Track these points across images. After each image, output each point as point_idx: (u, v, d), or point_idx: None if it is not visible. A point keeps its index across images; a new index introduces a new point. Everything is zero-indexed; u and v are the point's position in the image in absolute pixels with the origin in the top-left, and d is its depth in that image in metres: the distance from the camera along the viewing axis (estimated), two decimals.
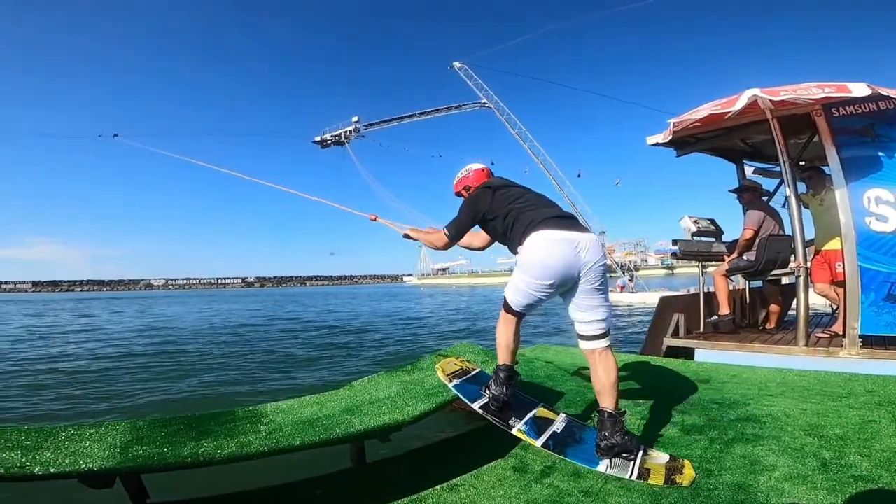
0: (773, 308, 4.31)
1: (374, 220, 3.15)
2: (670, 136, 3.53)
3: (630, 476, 1.73)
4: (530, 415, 2.19)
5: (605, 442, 1.84)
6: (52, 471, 1.57)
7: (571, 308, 2.00)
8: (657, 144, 3.89)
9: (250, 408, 2.33)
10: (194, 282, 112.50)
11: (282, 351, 8.28)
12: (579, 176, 28.70)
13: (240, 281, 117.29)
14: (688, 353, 3.91)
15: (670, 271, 71.74)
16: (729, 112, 3.03)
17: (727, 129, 3.87)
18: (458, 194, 2.44)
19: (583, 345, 2.01)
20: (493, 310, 17.54)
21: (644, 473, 1.73)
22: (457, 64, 37.25)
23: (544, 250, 1.88)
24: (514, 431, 2.03)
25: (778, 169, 4.21)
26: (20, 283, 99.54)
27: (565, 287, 1.95)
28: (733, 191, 4.38)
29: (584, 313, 1.95)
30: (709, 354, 3.70)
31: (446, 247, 2.40)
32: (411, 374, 2.89)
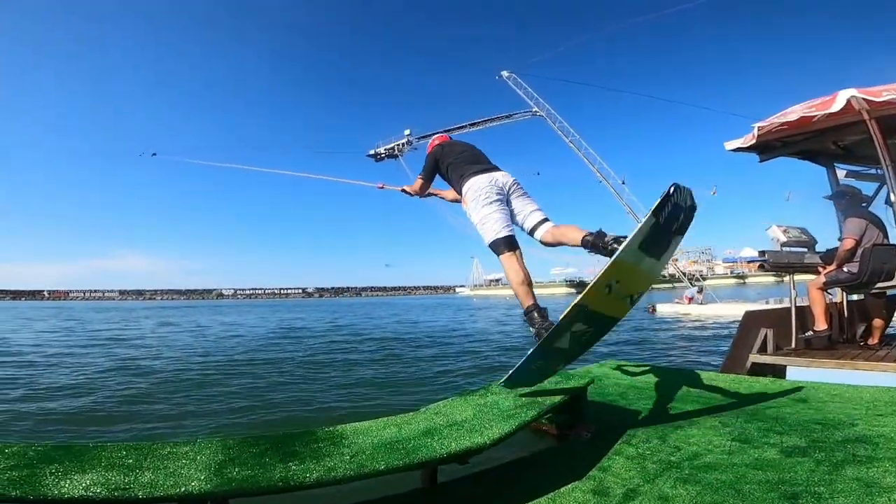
0: (877, 322, 3.94)
1: (382, 188, 3.77)
2: (753, 141, 3.36)
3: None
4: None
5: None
6: (155, 494, 1.54)
7: (518, 216, 2.67)
8: (737, 150, 3.72)
9: (330, 429, 2.34)
10: (259, 291, 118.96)
11: (350, 365, 8.38)
12: (623, 183, 27.62)
13: (300, 291, 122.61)
14: (776, 371, 3.67)
15: (742, 281, 66.90)
16: (822, 114, 2.86)
17: (817, 132, 3.63)
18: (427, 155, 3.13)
19: (539, 231, 2.63)
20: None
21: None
22: (505, 73, 37.21)
23: (477, 187, 2.62)
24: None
25: (874, 171, 3.88)
26: (108, 291, 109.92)
27: (504, 198, 2.63)
28: (829, 197, 4.07)
29: (526, 209, 2.66)
30: (803, 372, 3.45)
31: (422, 188, 3.17)
32: (485, 397, 2.87)
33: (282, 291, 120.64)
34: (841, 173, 4.50)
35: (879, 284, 3.53)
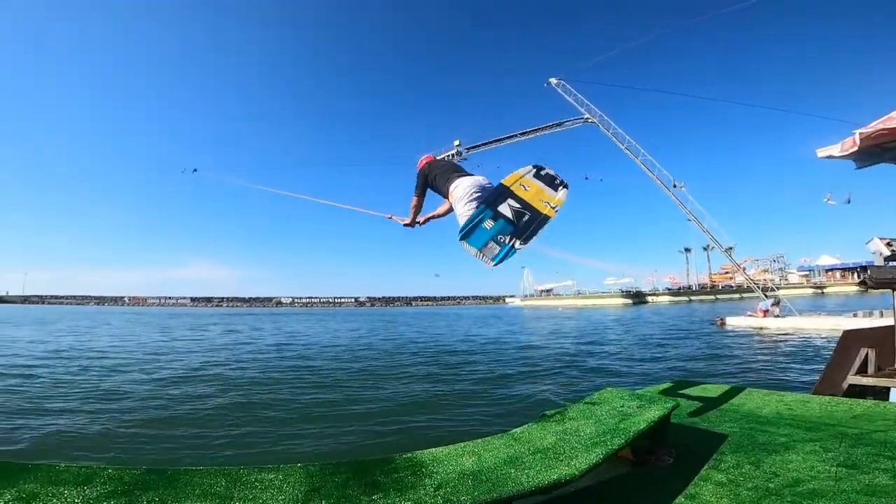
0: None
1: (390, 218, 4.07)
2: (854, 148, 3.14)
3: None
4: None
5: None
6: None
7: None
8: (831, 157, 3.49)
9: (409, 455, 2.28)
10: (315, 300, 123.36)
11: (410, 378, 8.44)
12: (675, 186, 26.18)
13: (353, 300, 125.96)
14: (878, 394, 3.38)
15: (819, 290, 61.31)
16: None
17: None
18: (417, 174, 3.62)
19: None
20: (609, 337, 16.58)
21: None
22: (553, 80, 36.50)
23: (463, 185, 3.10)
24: None
25: None
26: (181, 297, 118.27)
27: (483, 195, 3.01)
28: None
29: None
30: None
31: (416, 205, 3.62)
32: (563, 423, 2.79)
33: (335, 300, 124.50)
34: None
35: None
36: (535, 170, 3.03)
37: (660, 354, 11.33)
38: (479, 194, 3.04)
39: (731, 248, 26.87)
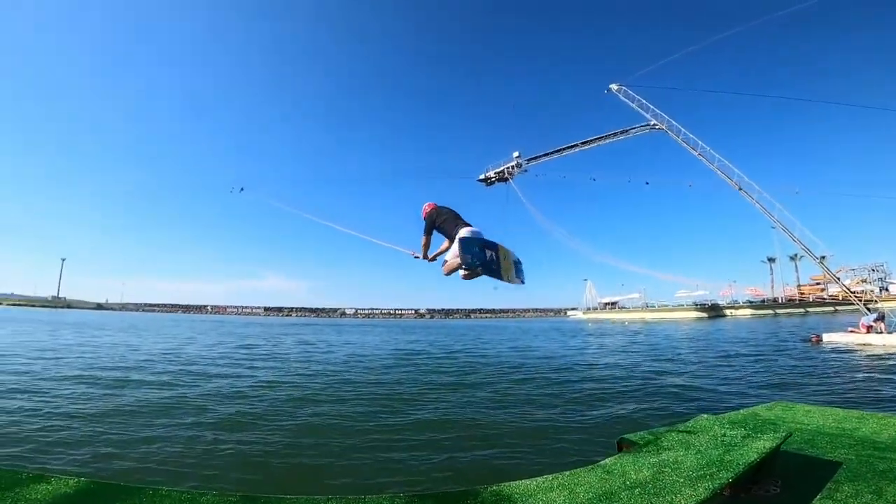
0: None
1: (415, 256, 4.71)
2: None
3: None
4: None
5: None
6: None
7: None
8: None
9: (494, 488, 2.24)
10: (377, 311, 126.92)
11: (481, 400, 8.38)
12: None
13: (413, 312, 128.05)
14: None
15: None
16: None
17: None
18: (424, 217, 4.50)
19: None
20: (686, 354, 15.53)
21: None
22: (614, 87, 35.25)
23: (465, 232, 3.99)
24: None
25: None
26: (256, 307, 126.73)
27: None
28: None
29: None
30: None
31: (426, 243, 4.53)
32: (657, 454, 2.62)
33: (396, 312, 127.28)
34: None
35: None
36: (517, 260, 4.21)
37: (747, 374, 10.44)
38: (476, 237, 4.02)
39: (824, 258, 24.32)
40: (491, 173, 41.98)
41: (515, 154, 40.33)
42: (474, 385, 9.36)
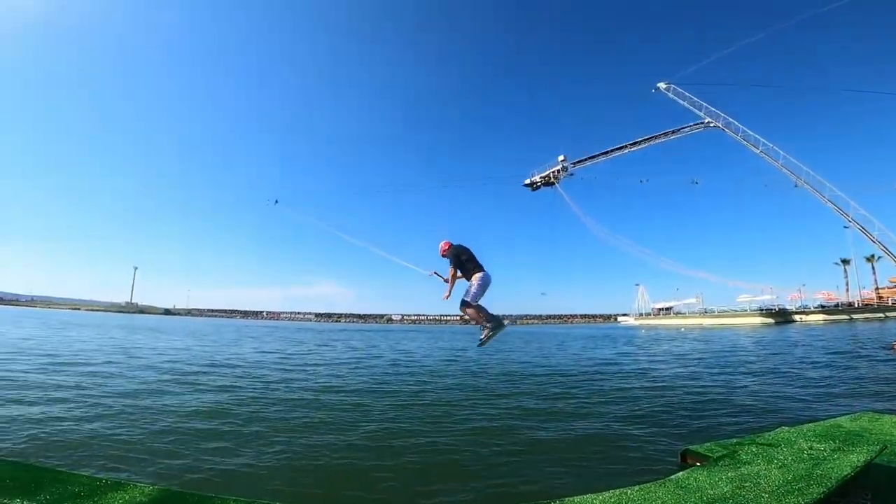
0: None
1: (432, 275, 5.66)
2: None
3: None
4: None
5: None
6: None
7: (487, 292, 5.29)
8: None
9: (557, 501, 2.20)
10: (423, 317, 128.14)
11: (532, 412, 8.23)
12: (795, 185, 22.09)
13: (458, 318, 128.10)
14: None
15: None
16: None
17: None
18: (443, 254, 5.51)
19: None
20: (752, 362, 14.63)
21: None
22: (662, 85, 34.24)
23: (481, 276, 5.22)
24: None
25: None
26: (307, 313, 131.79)
27: (487, 285, 5.26)
28: None
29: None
30: None
31: (454, 274, 5.35)
32: (735, 468, 2.46)
33: (441, 318, 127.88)
34: None
35: None
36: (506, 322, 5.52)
37: (823, 383, 9.70)
38: (486, 285, 5.29)
39: None
40: (536, 178, 41.51)
41: (561, 157, 39.75)
42: (522, 393, 9.26)
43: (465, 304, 5.21)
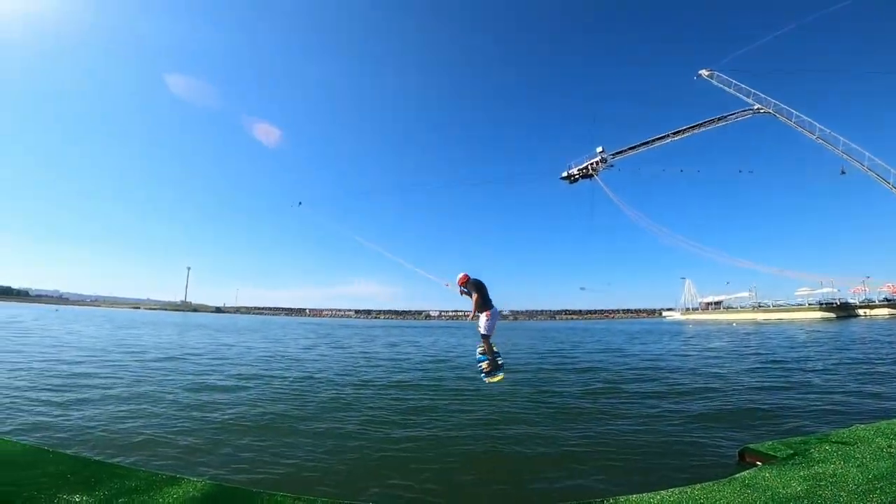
0: None
1: (448, 286, 6.61)
2: None
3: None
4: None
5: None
6: None
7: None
8: None
9: (611, 501, 2.11)
10: (460, 314, 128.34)
11: (582, 412, 8.12)
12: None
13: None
14: None
15: None
16: None
17: None
18: (463, 285, 6.08)
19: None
20: (814, 358, 13.79)
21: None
22: (704, 72, 32.80)
23: (494, 311, 6.10)
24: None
25: None
26: (348, 310, 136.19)
27: (497, 318, 6.17)
28: None
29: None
30: None
31: (477, 300, 5.91)
32: (807, 466, 2.35)
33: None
34: None
35: None
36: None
37: (894, 379, 9.07)
38: (495, 318, 6.13)
39: None
40: (574, 170, 40.58)
41: (599, 149, 38.49)
42: (566, 392, 9.15)
43: (484, 338, 6.12)
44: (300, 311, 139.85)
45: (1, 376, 8.96)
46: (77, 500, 2.00)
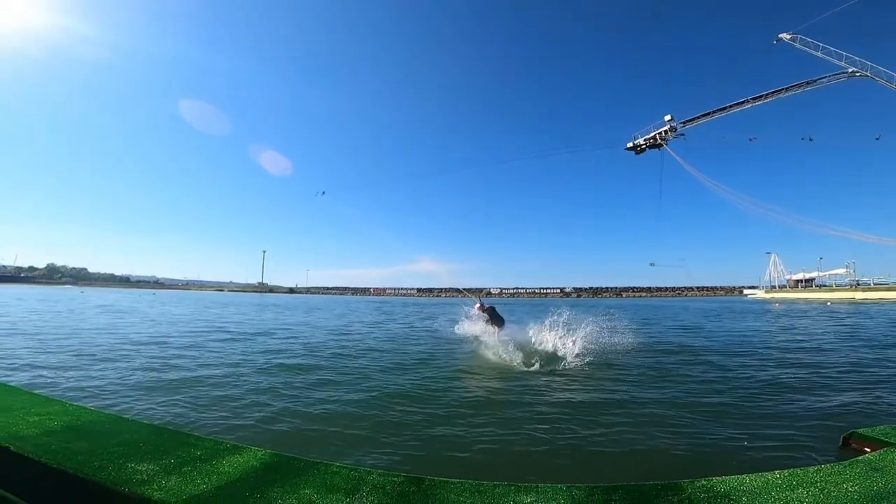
0: None
1: (465, 296, 13.08)
2: None
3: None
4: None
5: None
6: None
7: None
8: None
9: (703, 482, 1.89)
10: (521, 290, 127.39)
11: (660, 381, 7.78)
12: None
13: (558, 291, 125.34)
14: None
15: None
16: None
17: None
18: (480, 310, 11.33)
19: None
20: None
21: None
22: (786, 36, 30.23)
23: (502, 331, 10.75)
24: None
25: None
26: (410, 288, 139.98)
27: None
28: None
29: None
30: None
31: (490, 321, 10.95)
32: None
33: (541, 291, 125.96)
34: None
35: None
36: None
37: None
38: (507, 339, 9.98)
39: None
40: (640, 140, 38.76)
41: (668, 118, 36.80)
42: (643, 368, 8.58)
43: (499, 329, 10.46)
44: (364, 291, 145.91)
45: (104, 351, 10.00)
46: (143, 468, 2.07)
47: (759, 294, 79.06)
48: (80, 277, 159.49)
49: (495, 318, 10.80)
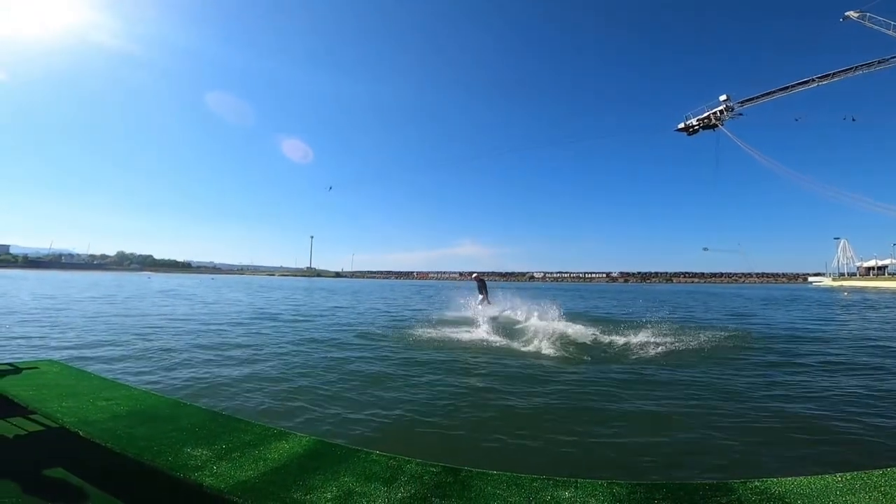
0: None
1: (472, 279, 17.04)
2: None
3: None
4: None
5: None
6: None
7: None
8: None
9: (756, 483, 1.79)
10: (566, 275, 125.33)
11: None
12: None
13: (604, 275, 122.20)
14: None
15: None
16: None
17: None
18: (474, 278, 16.83)
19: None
20: None
21: None
22: (852, 14, 28.43)
23: (489, 298, 15.63)
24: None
25: None
26: (451, 272, 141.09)
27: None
28: None
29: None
30: None
31: (482, 290, 15.69)
32: None
33: (586, 275, 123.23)
34: None
35: None
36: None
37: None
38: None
39: None
40: (693, 121, 37.32)
41: (723, 98, 35.45)
42: (689, 363, 8.14)
43: (487, 299, 13.58)
44: (408, 275, 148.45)
45: (168, 335, 10.68)
46: (197, 453, 2.14)
47: (826, 282, 73.37)
48: (146, 263, 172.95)
49: (482, 287, 15.54)
